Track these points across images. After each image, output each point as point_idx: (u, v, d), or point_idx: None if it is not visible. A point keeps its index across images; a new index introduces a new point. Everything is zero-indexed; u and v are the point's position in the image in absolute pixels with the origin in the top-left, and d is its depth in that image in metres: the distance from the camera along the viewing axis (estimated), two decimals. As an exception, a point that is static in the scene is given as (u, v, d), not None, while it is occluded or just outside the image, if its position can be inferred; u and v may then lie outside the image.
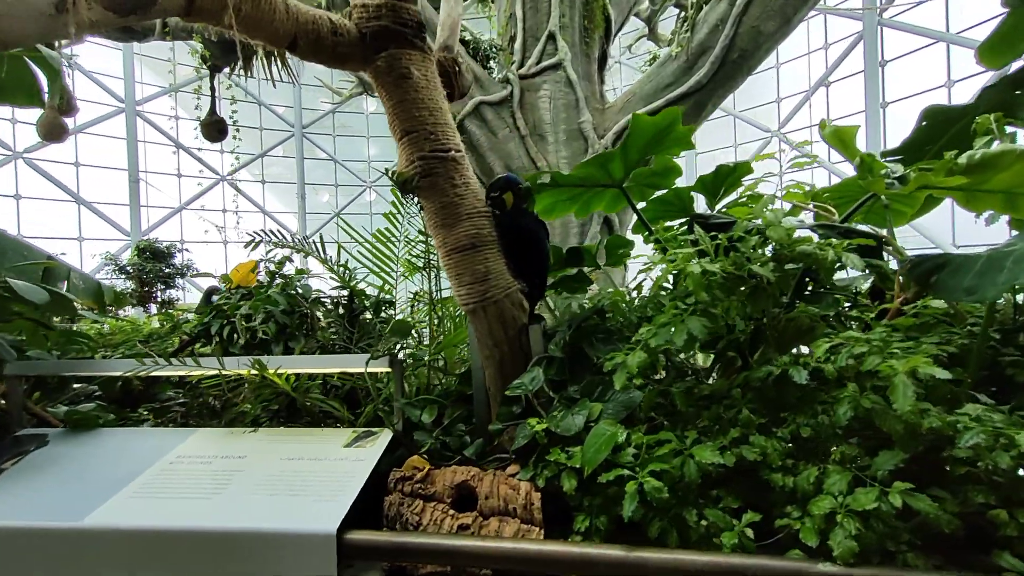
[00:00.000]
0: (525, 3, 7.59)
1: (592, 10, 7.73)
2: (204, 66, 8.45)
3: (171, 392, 2.17)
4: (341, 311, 1.94)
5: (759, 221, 1.26)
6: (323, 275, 2.33)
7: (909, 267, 1.29)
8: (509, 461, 1.39)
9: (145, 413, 1.93)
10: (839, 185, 1.79)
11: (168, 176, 16.98)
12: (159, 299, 9.56)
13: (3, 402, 1.72)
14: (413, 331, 2.05)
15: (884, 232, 1.68)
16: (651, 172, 1.67)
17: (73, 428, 1.61)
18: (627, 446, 1.19)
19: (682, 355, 1.61)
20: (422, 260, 1.99)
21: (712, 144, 14.79)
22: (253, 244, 2.21)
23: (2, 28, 0.86)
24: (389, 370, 1.49)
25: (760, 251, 1.26)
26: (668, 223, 2.16)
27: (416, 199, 1.60)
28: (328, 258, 2.15)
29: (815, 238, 1.38)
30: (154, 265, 9.13)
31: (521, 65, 7.49)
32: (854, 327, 1.58)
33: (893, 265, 1.47)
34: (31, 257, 2.49)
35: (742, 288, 1.23)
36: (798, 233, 1.34)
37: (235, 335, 1.75)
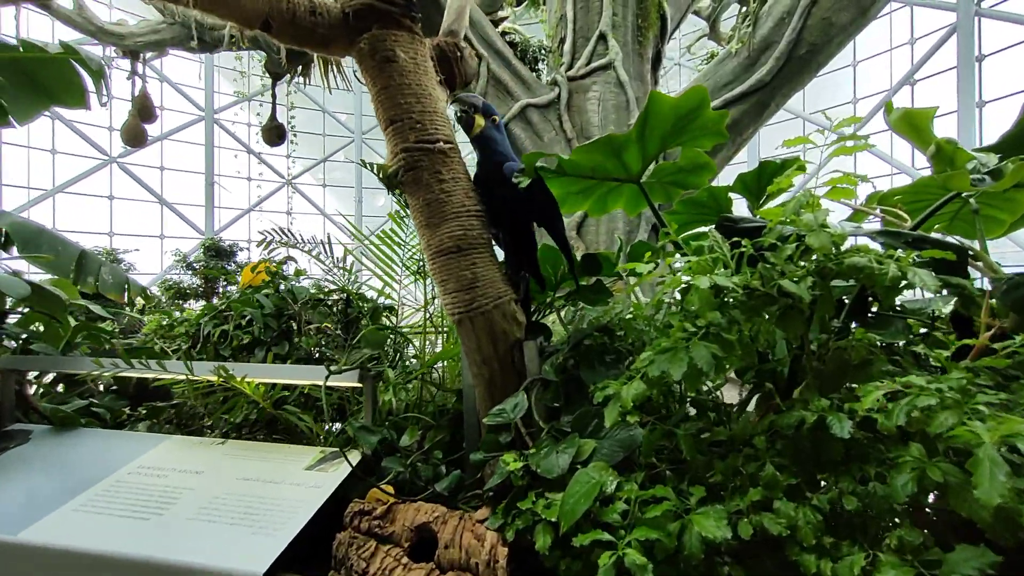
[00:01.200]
0: (576, 3, 7.38)
1: (646, 8, 7.40)
2: (266, 75, 8.87)
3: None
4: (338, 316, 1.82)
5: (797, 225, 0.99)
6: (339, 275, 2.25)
7: (1004, 289, 0.98)
8: (487, 499, 1.19)
9: (144, 412, 1.90)
10: (914, 185, 1.46)
11: (239, 180, 18.10)
12: (221, 293, 10.10)
13: None
14: (415, 340, 1.90)
15: (974, 244, 1.35)
16: (677, 168, 1.43)
17: (59, 426, 1.58)
18: (617, 499, 0.96)
19: (707, 384, 1.35)
20: (420, 263, 1.83)
21: (779, 148, 13.86)
22: (265, 243, 2.15)
23: None
24: (360, 384, 1.33)
25: (798, 263, 1.00)
26: (701, 228, 1.91)
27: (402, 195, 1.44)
28: (335, 259, 2.05)
29: (875, 248, 1.10)
30: (217, 262, 9.65)
31: (570, 67, 7.28)
32: (927, 359, 1.27)
33: (984, 285, 1.15)
34: (65, 251, 2.58)
35: (771, 308, 0.97)
36: (853, 240, 1.06)
37: (228, 338, 1.67)
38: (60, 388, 2.29)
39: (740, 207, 1.91)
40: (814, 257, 1.02)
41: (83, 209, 15.64)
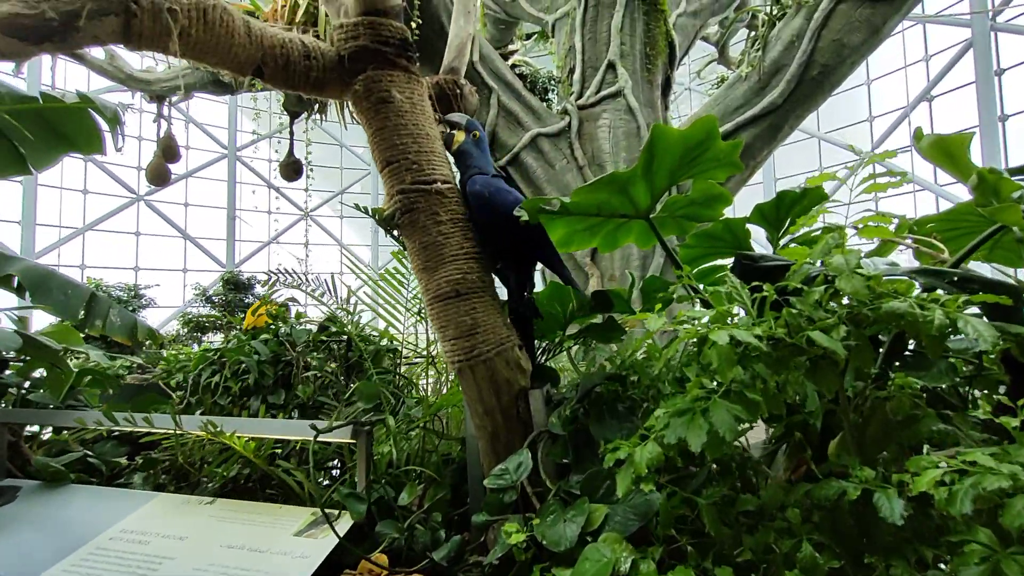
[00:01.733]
0: (584, 35, 7.50)
1: (654, 37, 7.48)
2: (284, 113, 9.15)
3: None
4: (338, 361, 1.75)
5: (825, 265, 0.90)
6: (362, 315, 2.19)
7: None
8: (488, 572, 1.08)
9: (140, 462, 1.84)
10: (949, 212, 1.35)
11: (259, 213, 18.56)
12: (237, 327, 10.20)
13: None
14: (419, 382, 1.82)
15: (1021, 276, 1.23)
16: (689, 201, 1.34)
17: (49, 481, 1.53)
18: (631, 581, 0.85)
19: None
20: (422, 302, 1.77)
21: (795, 168, 13.71)
22: (269, 284, 2.11)
23: None
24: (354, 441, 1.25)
25: (827, 307, 0.89)
26: (718, 261, 1.81)
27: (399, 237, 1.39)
28: (339, 298, 2.00)
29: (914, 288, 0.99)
30: (235, 295, 9.79)
31: (580, 96, 7.34)
32: (976, 401, 1.14)
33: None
34: (75, 293, 2.58)
35: (800, 360, 0.87)
36: (886, 277, 0.96)
37: (222, 387, 1.61)
38: (65, 434, 2.25)
39: (758, 234, 1.82)
40: (846, 301, 0.92)
41: (111, 245, 16.15)
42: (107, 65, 8.65)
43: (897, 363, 1.12)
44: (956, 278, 0.95)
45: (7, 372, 1.92)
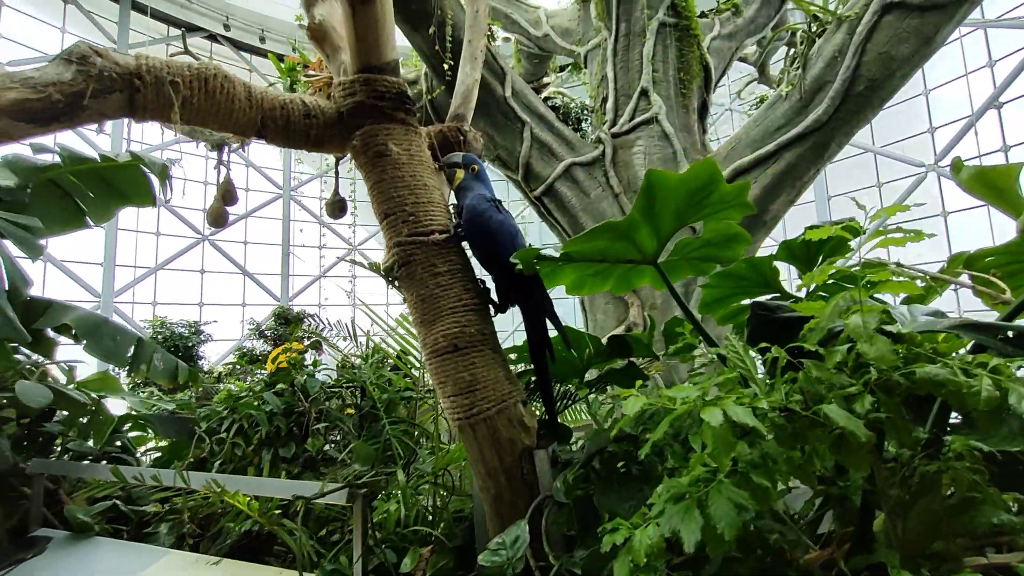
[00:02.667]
0: (616, 64, 7.52)
1: (688, 61, 7.39)
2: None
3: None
4: (351, 411, 1.74)
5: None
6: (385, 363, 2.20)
7: None
8: (484, 657, 0.99)
9: (167, 509, 1.87)
10: (1009, 245, 1.19)
11: (311, 248, 19.51)
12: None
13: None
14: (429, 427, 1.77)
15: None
16: (704, 242, 1.25)
17: (76, 532, 1.57)
18: None
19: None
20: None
21: (849, 185, 13.00)
22: (292, 327, 2.14)
23: None
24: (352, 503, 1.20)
25: (851, 369, 0.78)
26: (747, 301, 1.68)
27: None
28: (359, 344, 2.00)
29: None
30: (285, 329, 10.19)
31: (614, 124, 7.31)
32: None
33: None
34: (123, 340, 2.75)
35: (820, 433, 0.75)
36: (925, 331, 0.83)
37: (240, 437, 1.62)
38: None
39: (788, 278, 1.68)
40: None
41: (179, 283, 17.35)
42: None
43: (953, 422, 0.96)
44: (1012, 334, 0.81)
45: (54, 420, 2.03)
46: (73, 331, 2.51)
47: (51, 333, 2.68)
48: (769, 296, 1.62)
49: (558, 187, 7.03)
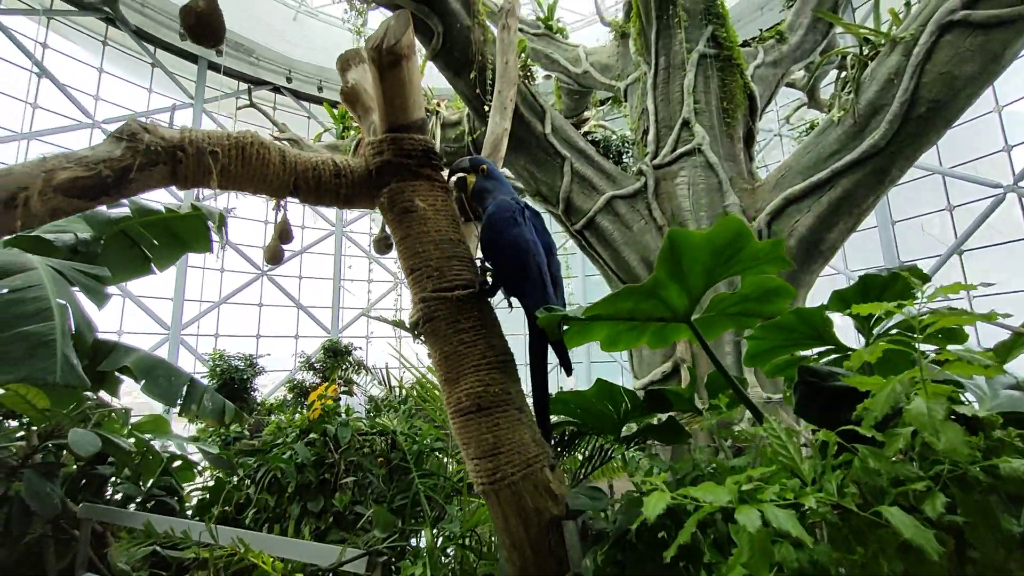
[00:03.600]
0: (656, 97, 7.49)
1: (731, 91, 7.27)
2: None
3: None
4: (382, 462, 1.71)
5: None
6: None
7: None
8: None
9: (201, 553, 1.90)
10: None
11: (360, 282, 20.26)
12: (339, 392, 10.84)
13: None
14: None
15: None
16: (741, 297, 1.17)
17: (117, 579, 1.61)
18: None
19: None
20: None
21: (915, 208, 12.18)
22: (331, 375, 2.18)
23: None
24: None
25: (917, 456, 0.67)
26: (800, 353, 1.55)
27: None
28: (392, 391, 2.00)
29: None
30: (334, 361, 10.50)
31: (655, 156, 7.24)
32: None
33: None
34: (177, 380, 2.89)
35: (883, 534, 0.64)
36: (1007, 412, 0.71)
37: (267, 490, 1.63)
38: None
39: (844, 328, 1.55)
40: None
41: (238, 316, 18.36)
42: (239, 167, 10.22)
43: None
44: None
45: (108, 462, 2.13)
46: (133, 372, 2.66)
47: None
48: (822, 349, 1.49)
49: (599, 220, 6.98)
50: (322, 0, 16.86)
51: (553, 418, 1.66)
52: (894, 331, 1.49)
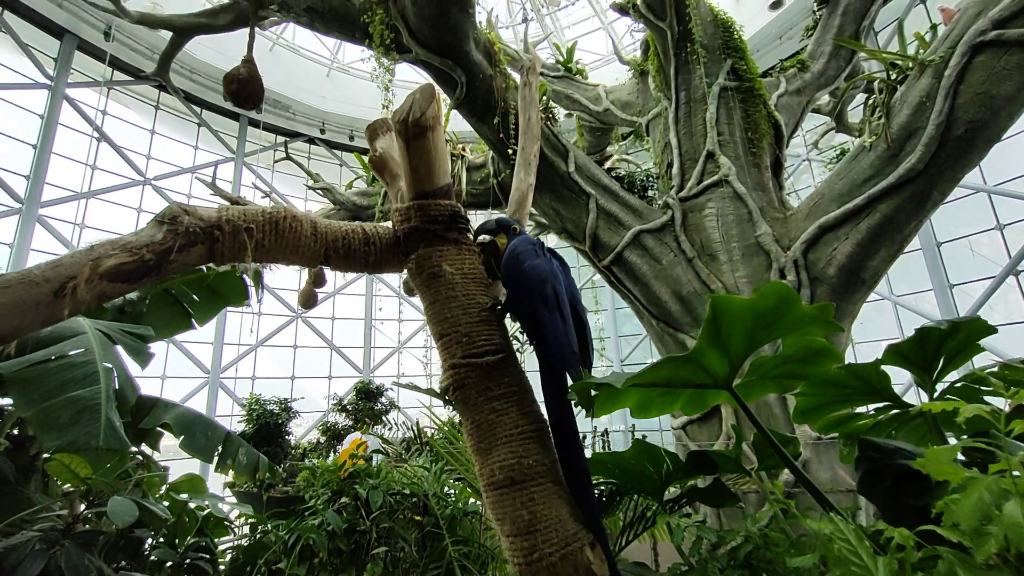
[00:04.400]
0: (679, 131, 7.51)
1: (755, 121, 7.23)
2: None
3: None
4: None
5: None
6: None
7: None
8: None
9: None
10: None
11: (391, 321, 20.55)
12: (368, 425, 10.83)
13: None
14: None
15: None
16: (784, 359, 1.10)
17: (150, 651, 1.58)
18: None
19: None
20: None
21: (961, 228, 11.64)
22: (363, 428, 2.16)
23: (3, 325, 0.89)
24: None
25: (1016, 560, 0.59)
26: (846, 411, 1.44)
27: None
28: (423, 445, 1.97)
29: None
30: (366, 403, 10.54)
31: (681, 188, 7.19)
32: None
33: None
34: (214, 434, 2.93)
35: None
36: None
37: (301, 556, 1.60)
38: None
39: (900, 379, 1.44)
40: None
41: (273, 357, 18.79)
42: (276, 216, 10.67)
43: None
44: None
45: (144, 527, 2.15)
46: (172, 428, 2.72)
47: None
48: (879, 406, 1.39)
49: (627, 256, 6.92)
50: (352, 56, 17.89)
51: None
52: (959, 383, 1.38)
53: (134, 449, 2.67)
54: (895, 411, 1.38)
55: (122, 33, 12.65)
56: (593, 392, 1.11)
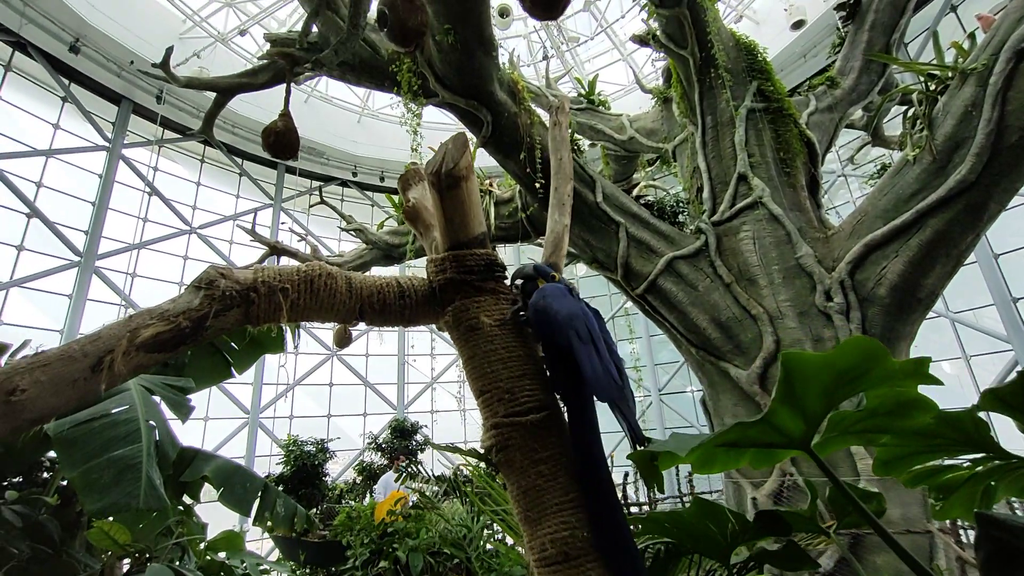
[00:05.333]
0: (707, 155, 7.40)
1: (786, 141, 7.06)
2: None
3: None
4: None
5: None
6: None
7: None
8: None
9: None
10: None
11: (423, 356, 20.64)
12: (405, 472, 10.72)
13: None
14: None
15: None
16: (868, 412, 0.98)
17: None
18: None
19: None
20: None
21: (1018, 237, 10.91)
22: (401, 480, 2.09)
23: (36, 407, 0.88)
24: None
25: None
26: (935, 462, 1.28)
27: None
28: (457, 489, 1.87)
29: None
30: (400, 442, 10.47)
31: (713, 212, 7.03)
32: None
33: None
34: (251, 488, 2.91)
35: None
36: None
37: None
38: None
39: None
40: None
41: (310, 396, 19.05)
42: (312, 258, 11.04)
43: None
44: None
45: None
46: (212, 481, 2.71)
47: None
48: (976, 457, 1.23)
49: (661, 283, 6.74)
50: (381, 102, 18.69)
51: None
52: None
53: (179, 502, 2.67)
54: (997, 462, 1.22)
55: (172, 96, 13.62)
56: (653, 460, 1.01)
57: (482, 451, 1.20)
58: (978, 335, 10.84)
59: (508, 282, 1.39)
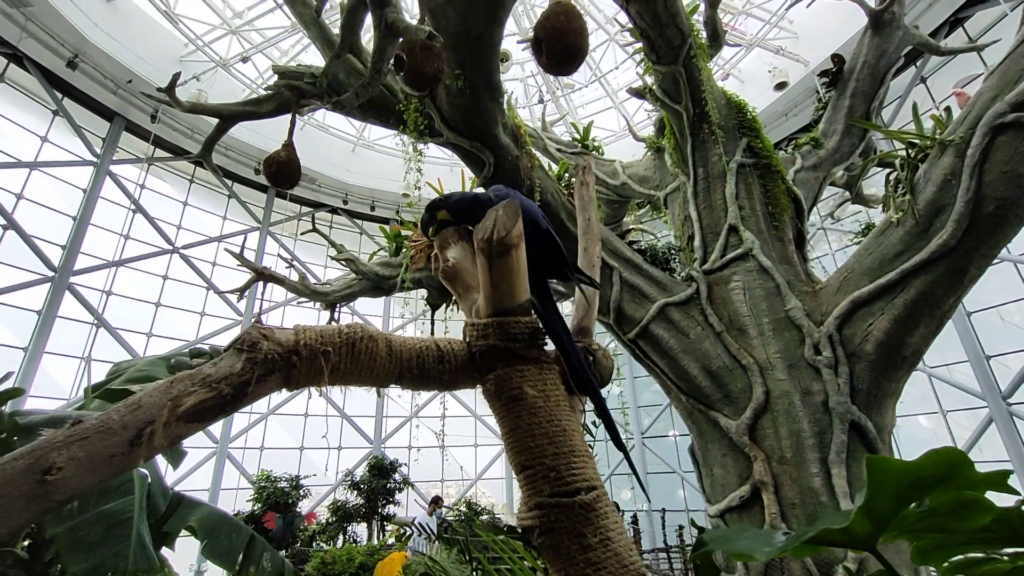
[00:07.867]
0: (699, 205, 7.62)
1: (774, 196, 7.34)
2: (427, 306, 10.36)
3: None
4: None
5: None
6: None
7: None
8: None
9: None
10: None
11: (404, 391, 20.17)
12: (381, 513, 10.29)
13: None
14: None
15: None
16: (930, 512, 0.97)
17: None
18: None
19: None
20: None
21: (991, 297, 11.34)
22: (401, 534, 1.99)
23: (70, 487, 0.82)
24: None
25: None
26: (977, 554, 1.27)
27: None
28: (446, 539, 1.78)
29: None
30: (379, 481, 10.10)
31: (704, 261, 7.17)
32: None
33: None
34: (239, 534, 2.74)
35: None
36: None
37: None
38: None
39: None
40: None
41: (284, 428, 18.34)
42: (299, 285, 10.84)
43: None
44: None
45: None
46: (196, 531, 2.55)
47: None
48: (1017, 550, 1.22)
49: (653, 329, 6.79)
50: (377, 134, 18.93)
51: None
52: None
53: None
54: (1038, 556, 1.21)
55: (166, 115, 13.60)
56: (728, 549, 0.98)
57: (520, 529, 1.14)
58: (954, 390, 11.10)
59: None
